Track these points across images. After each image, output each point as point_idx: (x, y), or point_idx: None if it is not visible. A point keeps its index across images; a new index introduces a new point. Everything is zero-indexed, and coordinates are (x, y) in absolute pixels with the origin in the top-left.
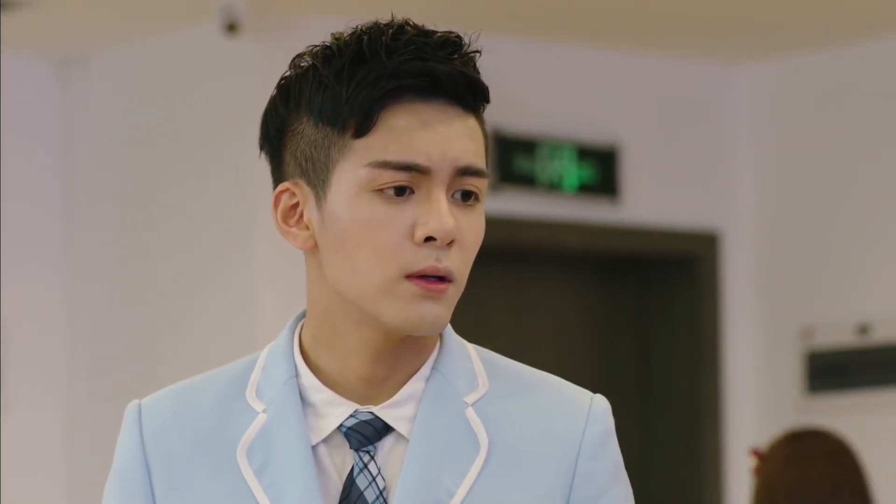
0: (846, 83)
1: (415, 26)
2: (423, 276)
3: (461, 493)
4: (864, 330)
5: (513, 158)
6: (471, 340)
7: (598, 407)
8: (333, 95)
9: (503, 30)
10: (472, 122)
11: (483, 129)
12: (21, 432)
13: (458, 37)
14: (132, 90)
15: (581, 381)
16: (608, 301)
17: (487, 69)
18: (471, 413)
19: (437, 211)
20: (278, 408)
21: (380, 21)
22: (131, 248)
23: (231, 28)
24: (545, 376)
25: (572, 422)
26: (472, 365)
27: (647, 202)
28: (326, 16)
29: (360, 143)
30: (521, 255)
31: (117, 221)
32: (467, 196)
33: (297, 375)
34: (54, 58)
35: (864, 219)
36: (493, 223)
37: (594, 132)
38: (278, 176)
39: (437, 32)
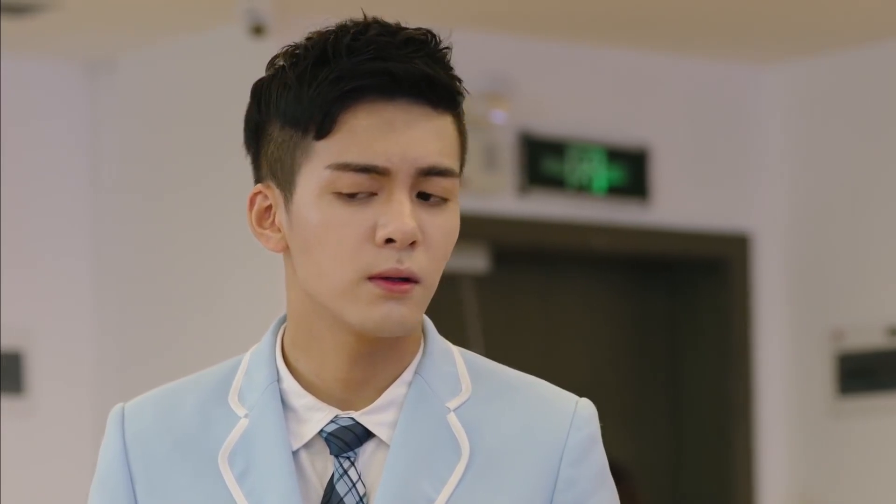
0: (876, 82)
1: (383, 25)
2: (385, 278)
3: (441, 499)
4: (894, 332)
5: (542, 160)
6: (500, 342)
7: (583, 412)
8: (296, 97)
9: (532, 32)
10: (440, 121)
11: (458, 127)
12: (50, 423)
13: (426, 34)
14: (158, 92)
15: (611, 383)
16: (638, 304)
17: (517, 71)
18: (452, 418)
19: (397, 212)
20: (260, 413)
21: (350, 20)
22: (157, 243)
23: (257, 30)
24: (531, 381)
25: (555, 427)
26: (455, 369)
27: (677, 204)
28: (352, 18)
29: (321, 145)
30: (550, 258)
31: (144, 219)
32: (428, 196)
33: (279, 380)
34: (81, 61)
35: (895, 220)
36: (521, 225)
37: (624, 134)
38: (256, 178)
39: (404, 30)
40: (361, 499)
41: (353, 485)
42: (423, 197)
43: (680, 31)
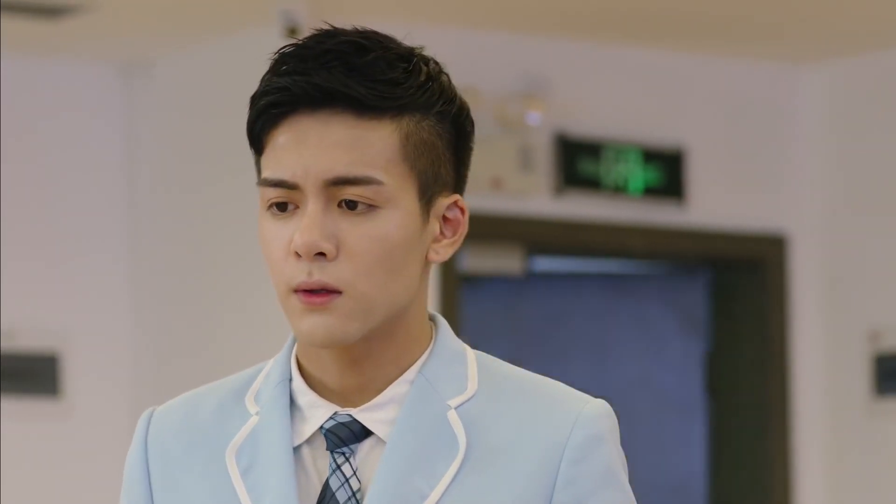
0: None
1: (327, 35)
2: (305, 290)
3: (435, 494)
4: None
5: (577, 161)
6: (535, 341)
7: (590, 411)
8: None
9: (567, 33)
10: (364, 129)
11: (398, 132)
12: (86, 425)
13: (352, 43)
14: (194, 93)
15: (645, 386)
16: (673, 305)
17: (553, 73)
18: (453, 415)
19: (303, 226)
20: (268, 411)
21: (318, 29)
22: (192, 243)
23: (292, 32)
24: (546, 383)
25: (559, 425)
26: (465, 370)
27: (713, 205)
28: (387, 20)
29: (261, 161)
30: (586, 258)
31: (179, 220)
32: (354, 205)
33: (290, 379)
34: (117, 63)
35: None
36: (557, 226)
37: (659, 135)
38: None
39: (334, 39)
40: (354, 494)
41: (347, 480)
42: (352, 205)
43: (716, 31)
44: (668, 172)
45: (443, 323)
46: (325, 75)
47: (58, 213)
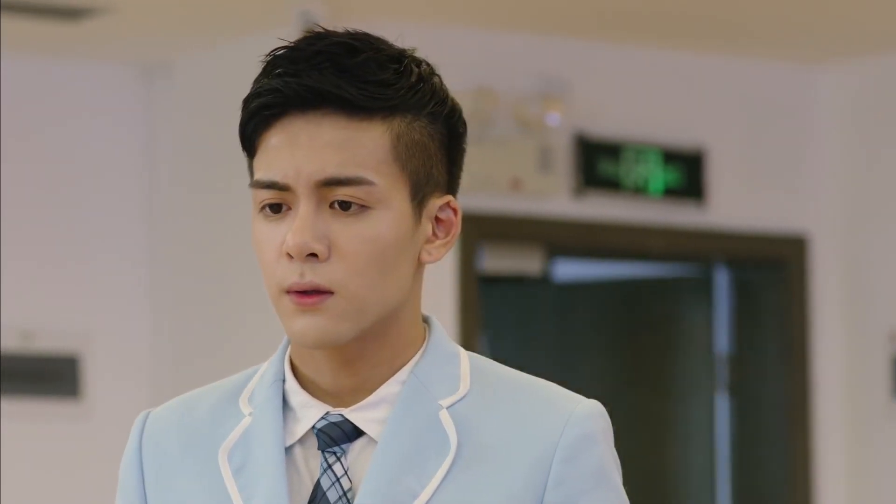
0: None
1: (316, 38)
2: (296, 291)
3: (426, 493)
4: None
5: (598, 162)
6: (556, 341)
7: (582, 410)
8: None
9: (587, 34)
10: (355, 130)
11: (389, 132)
12: (106, 426)
13: (342, 45)
14: (214, 94)
15: (667, 385)
16: (694, 305)
17: (572, 74)
18: (444, 415)
19: (295, 227)
20: (261, 410)
21: (308, 31)
22: (212, 243)
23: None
24: (539, 384)
25: (551, 424)
26: (458, 371)
27: (734, 206)
28: (402, 22)
29: (253, 163)
30: (606, 260)
31: (199, 221)
32: (346, 206)
33: (284, 379)
34: (137, 64)
35: None
36: (577, 227)
37: (680, 135)
38: None
39: (324, 40)
40: (345, 493)
41: (338, 479)
42: (343, 206)
43: (736, 32)
44: (688, 173)
45: (436, 324)
46: (316, 76)
47: (77, 215)
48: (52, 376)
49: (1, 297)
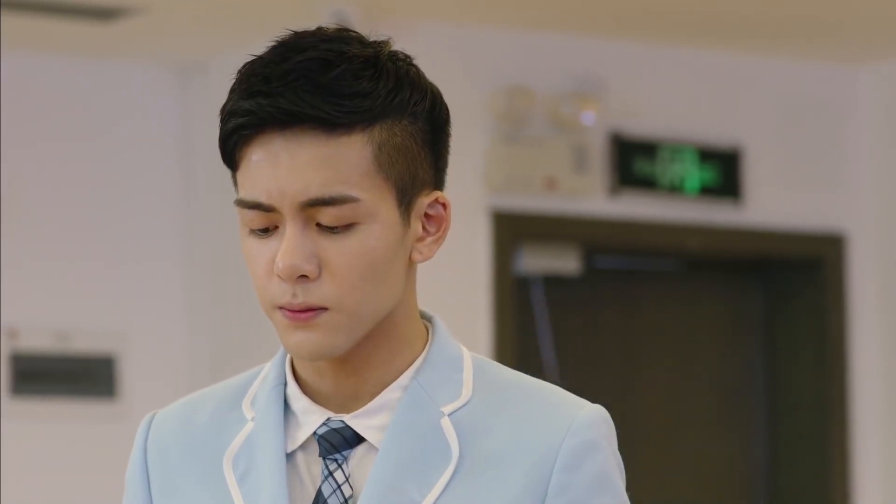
0: None
1: (290, 48)
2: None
3: (427, 502)
4: None
5: (633, 161)
6: (592, 343)
7: (584, 418)
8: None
9: (622, 33)
10: (335, 145)
11: (371, 143)
12: (141, 420)
13: (315, 60)
14: None
15: (705, 386)
16: (732, 304)
17: (608, 73)
18: (446, 422)
19: (283, 249)
20: (263, 416)
21: (278, 40)
22: None
23: None
24: (544, 388)
25: (552, 432)
26: (460, 375)
27: (771, 204)
28: (436, 22)
29: (237, 177)
30: (642, 259)
31: (235, 221)
32: (333, 224)
33: (285, 384)
34: (173, 64)
35: None
36: (613, 226)
37: (716, 134)
38: None
39: (300, 55)
40: (346, 500)
41: (339, 486)
42: (324, 224)
43: (772, 31)
44: (724, 172)
45: (439, 325)
46: (291, 97)
47: (114, 216)
48: (88, 377)
49: (38, 297)
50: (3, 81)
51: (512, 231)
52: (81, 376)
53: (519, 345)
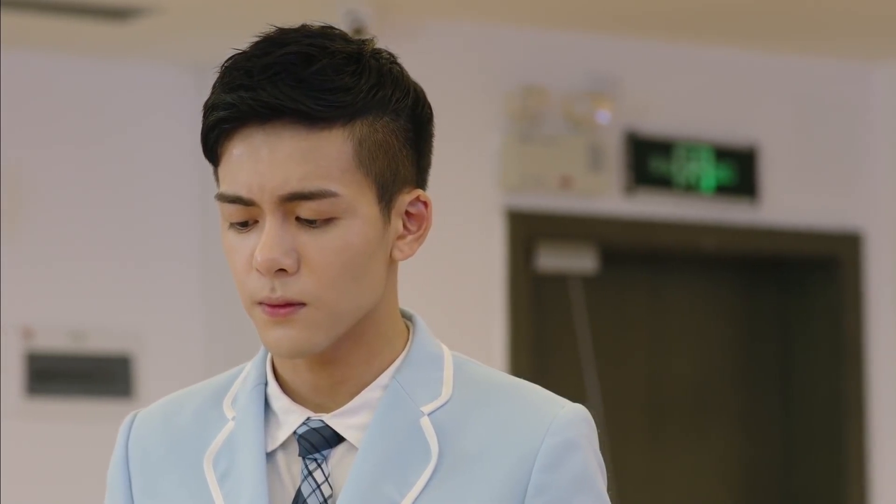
0: None
1: (273, 42)
2: (268, 304)
3: (406, 502)
4: None
5: (649, 160)
6: (609, 342)
7: (564, 417)
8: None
9: (637, 32)
10: (316, 139)
11: (351, 138)
12: None
13: (297, 54)
14: None
15: (721, 384)
16: (748, 303)
17: (623, 71)
18: (425, 422)
19: (262, 243)
20: (243, 415)
21: (260, 34)
22: None
23: (357, 33)
24: (524, 387)
25: (532, 432)
26: (440, 374)
27: (787, 203)
28: (450, 21)
29: (218, 171)
30: (658, 258)
31: None
32: (312, 220)
33: (266, 383)
34: (189, 64)
35: None
36: (629, 225)
37: (732, 133)
38: None
39: (280, 50)
40: (325, 500)
41: (318, 486)
42: (310, 220)
43: (788, 29)
44: (740, 170)
45: (420, 323)
46: (272, 90)
47: (130, 215)
48: (104, 376)
49: (54, 297)
50: (19, 82)
51: (527, 230)
52: (97, 376)
53: (534, 344)
